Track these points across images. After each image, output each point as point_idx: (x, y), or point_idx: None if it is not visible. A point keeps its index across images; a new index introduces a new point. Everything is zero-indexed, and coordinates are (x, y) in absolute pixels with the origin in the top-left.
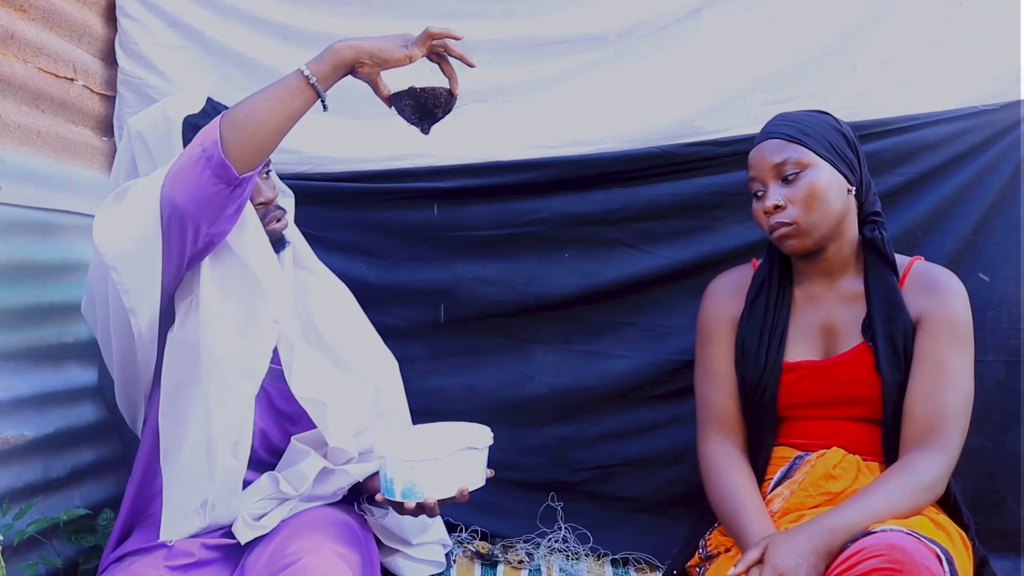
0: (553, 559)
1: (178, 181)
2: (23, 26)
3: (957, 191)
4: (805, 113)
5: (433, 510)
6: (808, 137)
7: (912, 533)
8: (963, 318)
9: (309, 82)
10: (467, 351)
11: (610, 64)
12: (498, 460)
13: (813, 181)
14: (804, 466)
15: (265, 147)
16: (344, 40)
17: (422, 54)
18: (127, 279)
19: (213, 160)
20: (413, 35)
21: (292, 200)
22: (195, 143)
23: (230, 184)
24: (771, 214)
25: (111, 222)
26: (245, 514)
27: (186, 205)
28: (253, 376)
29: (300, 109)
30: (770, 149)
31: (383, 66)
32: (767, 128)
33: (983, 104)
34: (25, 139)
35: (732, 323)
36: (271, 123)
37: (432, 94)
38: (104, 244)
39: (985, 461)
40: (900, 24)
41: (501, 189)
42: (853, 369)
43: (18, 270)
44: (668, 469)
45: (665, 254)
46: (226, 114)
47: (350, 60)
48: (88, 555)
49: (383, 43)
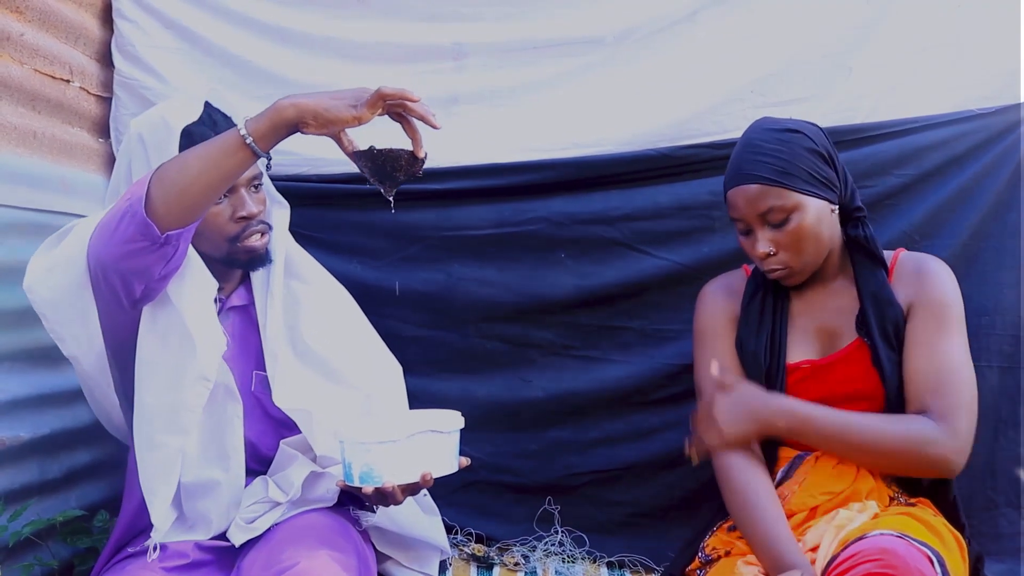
0: (549, 562)
1: (103, 235)
2: (20, 28)
3: (954, 195)
4: (778, 142)
5: (394, 496)
6: (788, 176)
7: (903, 536)
8: (951, 299)
9: (245, 142)
10: (464, 354)
11: (607, 66)
12: (495, 463)
13: (800, 225)
14: (805, 465)
15: (195, 207)
16: (290, 97)
17: (372, 116)
18: (57, 327)
19: (136, 217)
20: (366, 94)
21: (287, 211)
22: (124, 196)
23: (155, 242)
24: (762, 259)
25: (41, 269)
26: (238, 518)
27: (109, 261)
28: (178, 431)
29: (235, 169)
30: (752, 194)
31: (329, 127)
32: (742, 168)
33: (980, 107)
34: (21, 140)
35: (731, 322)
36: (202, 183)
37: (391, 157)
38: (31, 291)
39: (979, 465)
40: (897, 27)
41: (498, 191)
42: (852, 365)
43: (14, 271)
44: (665, 473)
45: (663, 255)
46: (159, 169)
47: (292, 120)
48: (84, 557)
49: (331, 102)
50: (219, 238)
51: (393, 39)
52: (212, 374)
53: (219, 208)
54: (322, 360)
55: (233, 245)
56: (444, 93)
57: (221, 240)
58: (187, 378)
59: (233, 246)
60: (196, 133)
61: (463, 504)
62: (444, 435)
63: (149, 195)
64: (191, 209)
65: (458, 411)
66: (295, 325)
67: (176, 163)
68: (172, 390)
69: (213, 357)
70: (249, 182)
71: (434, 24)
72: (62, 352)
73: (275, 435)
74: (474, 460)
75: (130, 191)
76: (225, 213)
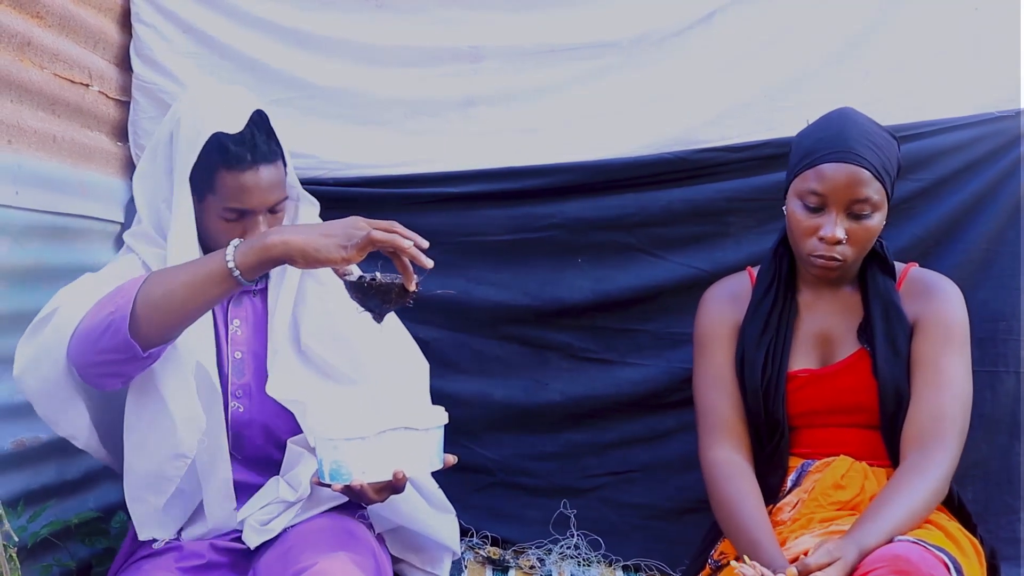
0: (565, 565)
1: (84, 344)
2: (40, 33)
3: (971, 199)
4: (883, 136)
5: (364, 495)
6: (886, 173)
7: (919, 542)
8: (958, 320)
9: (232, 274)
10: (480, 357)
11: (622, 70)
12: (511, 466)
13: (875, 226)
14: (811, 474)
15: (179, 327)
16: (280, 232)
17: (361, 258)
18: (49, 413)
19: (120, 335)
20: (358, 234)
21: (316, 209)
22: (108, 306)
23: (136, 357)
24: (827, 243)
25: (28, 359)
26: (252, 520)
27: (89, 367)
28: (160, 492)
29: (221, 297)
30: (856, 177)
31: (317, 266)
32: (854, 148)
33: (997, 110)
34: (41, 144)
35: (734, 329)
36: (187, 308)
37: (381, 289)
38: (21, 381)
39: (996, 471)
40: (912, 30)
41: (514, 194)
42: (851, 377)
43: (34, 274)
44: (681, 476)
45: (678, 260)
46: (143, 288)
47: (279, 257)
48: (101, 558)
49: (320, 241)
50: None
51: (410, 42)
52: (191, 451)
53: (231, 226)
54: (322, 358)
55: None
56: (460, 96)
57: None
58: (165, 453)
59: None
60: (232, 153)
61: (479, 506)
62: (420, 432)
63: (134, 315)
64: (175, 329)
65: (442, 407)
66: (300, 322)
67: (162, 286)
68: (153, 461)
69: (192, 436)
70: (268, 207)
71: (451, 27)
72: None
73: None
74: (490, 462)
75: (113, 302)
76: (235, 232)
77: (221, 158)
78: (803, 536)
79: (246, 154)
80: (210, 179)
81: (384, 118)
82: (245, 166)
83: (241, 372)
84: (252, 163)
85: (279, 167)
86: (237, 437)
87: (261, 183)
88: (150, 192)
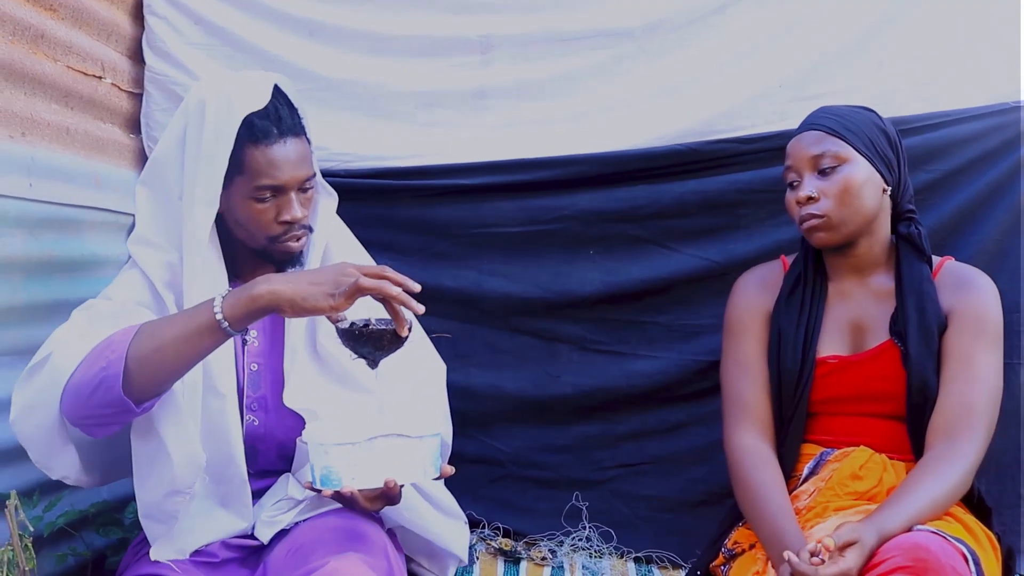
0: (576, 557)
1: (76, 399)
2: (53, 25)
3: (985, 190)
4: (850, 108)
5: (355, 502)
6: (849, 132)
7: (938, 532)
8: (993, 315)
9: (221, 326)
10: (492, 349)
11: (635, 60)
12: (523, 458)
13: (848, 176)
14: (830, 463)
15: (170, 381)
16: (268, 282)
17: (350, 306)
18: (43, 459)
19: (112, 392)
20: (346, 281)
21: (334, 202)
22: (99, 360)
23: (129, 411)
24: (803, 204)
25: (22, 407)
26: (264, 515)
27: (81, 420)
28: (165, 519)
29: (210, 348)
30: (809, 140)
31: (305, 315)
32: (809, 119)
33: (1012, 101)
34: (55, 136)
35: (764, 316)
36: (179, 362)
37: (372, 336)
38: (16, 425)
39: (1009, 463)
40: (928, 20)
41: (525, 186)
42: (880, 365)
43: (48, 266)
44: (693, 468)
45: (690, 252)
46: (134, 344)
47: (266, 307)
48: (116, 548)
49: (308, 290)
50: (259, 234)
51: (420, 32)
52: (189, 487)
53: (264, 207)
54: (337, 361)
55: (271, 244)
56: (471, 87)
57: (261, 236)
58: (165, 489)
59: (271, 245)
60: (258, 128)
61: (490, 498)
62: (413, 440)
63: (126, 371)
64: (167, 383)
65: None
66: (316, 325)
67: (152, 340)
68: (154, 494)
69: (191, 474)
70: (300, 184)
71: (461, 16)
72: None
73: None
74: (502, 454)
75: (106, 356)
76: (270, 213)
77: (248, 133)
78: (819, 524)
79: (272, 128)
80: (238, 159)
81: (396, 110)
82: (273, 139)
83: (257, 385)
84: (279, 136)
85: (304, 142)
86: (251, 451)
87: (291, 156)
88: (161, 190)
